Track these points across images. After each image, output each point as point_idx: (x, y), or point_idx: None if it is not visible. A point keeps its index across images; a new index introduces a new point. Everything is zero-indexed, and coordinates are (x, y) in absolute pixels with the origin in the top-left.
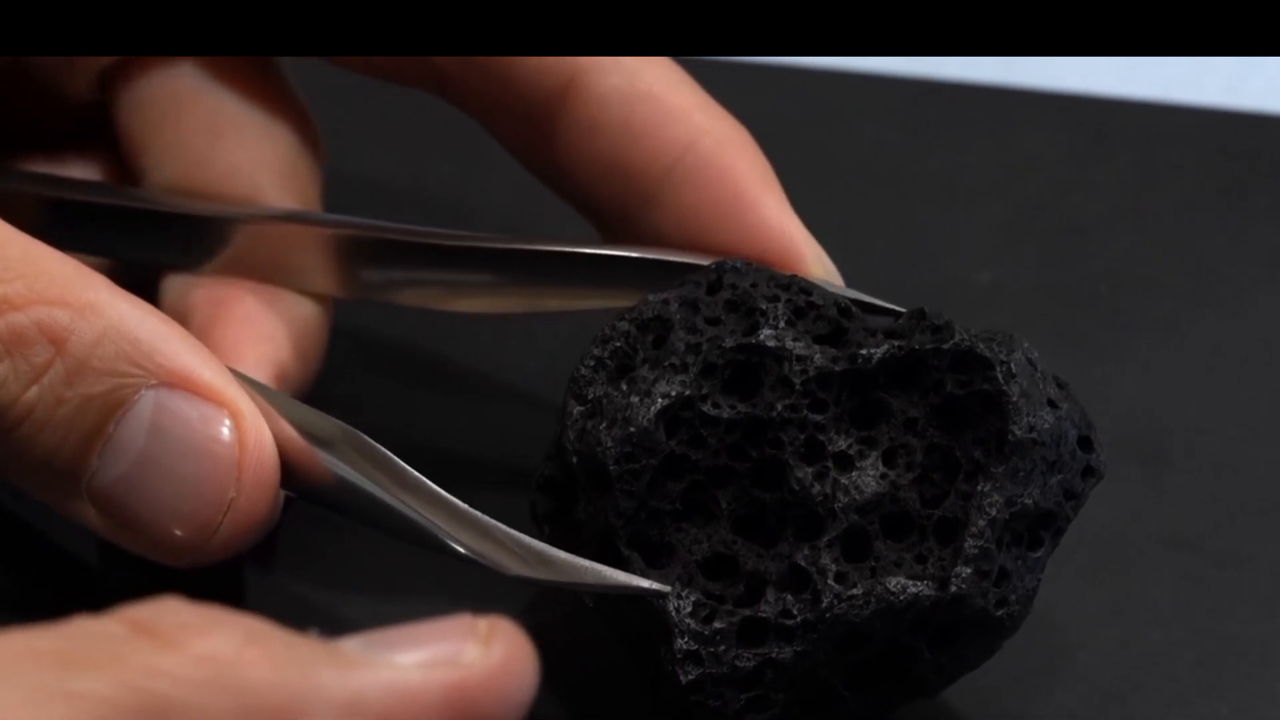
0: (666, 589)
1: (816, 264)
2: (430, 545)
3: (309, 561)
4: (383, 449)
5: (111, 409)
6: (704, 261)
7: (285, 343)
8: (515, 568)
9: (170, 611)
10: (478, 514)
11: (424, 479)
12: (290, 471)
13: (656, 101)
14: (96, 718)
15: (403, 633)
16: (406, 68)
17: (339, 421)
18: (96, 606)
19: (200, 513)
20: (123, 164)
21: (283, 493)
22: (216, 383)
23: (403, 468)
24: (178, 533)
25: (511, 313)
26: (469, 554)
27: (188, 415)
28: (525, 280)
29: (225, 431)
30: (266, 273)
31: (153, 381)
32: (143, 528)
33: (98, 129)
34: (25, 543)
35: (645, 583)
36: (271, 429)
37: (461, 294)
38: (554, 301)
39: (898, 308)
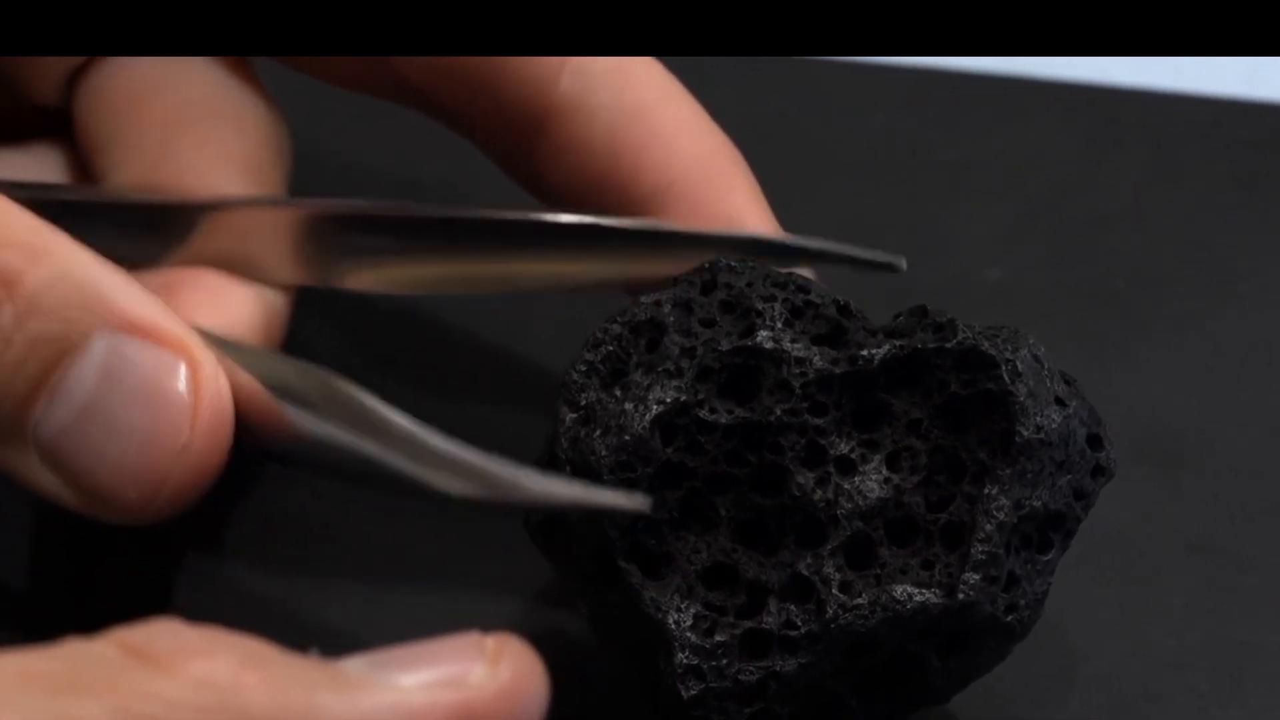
0: (642, 507)
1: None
2: (404, 490)
3: (303, 566)
4: (349, 388)
5: (61, 353)
6: (689, 230)
7: (246, 314)
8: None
9: (166, 633)
10: (438, 438)
11: (398, 418)
12: (248, 425)
13: (645, 121)
14: None
15: (408, 652)
16: (363, 74)
17: (309, 366)
18: (82, 619)
19: (150, 463)
20: (84, 166)
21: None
22: (172, 329)
23: (373, 406)
24: (126, 485)
25: (486, 293)
26: (414, 478)
27: (141, 361)
28: (498, 252)
29: (180, 379)
30: (225, 263)
31: (106, 327)
32: (89, 480)
33: (66, 131)
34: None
35: (609, 497)
36: (231, 381)
37: (431, 269)
38: (529, 274)
39: (885, 258)
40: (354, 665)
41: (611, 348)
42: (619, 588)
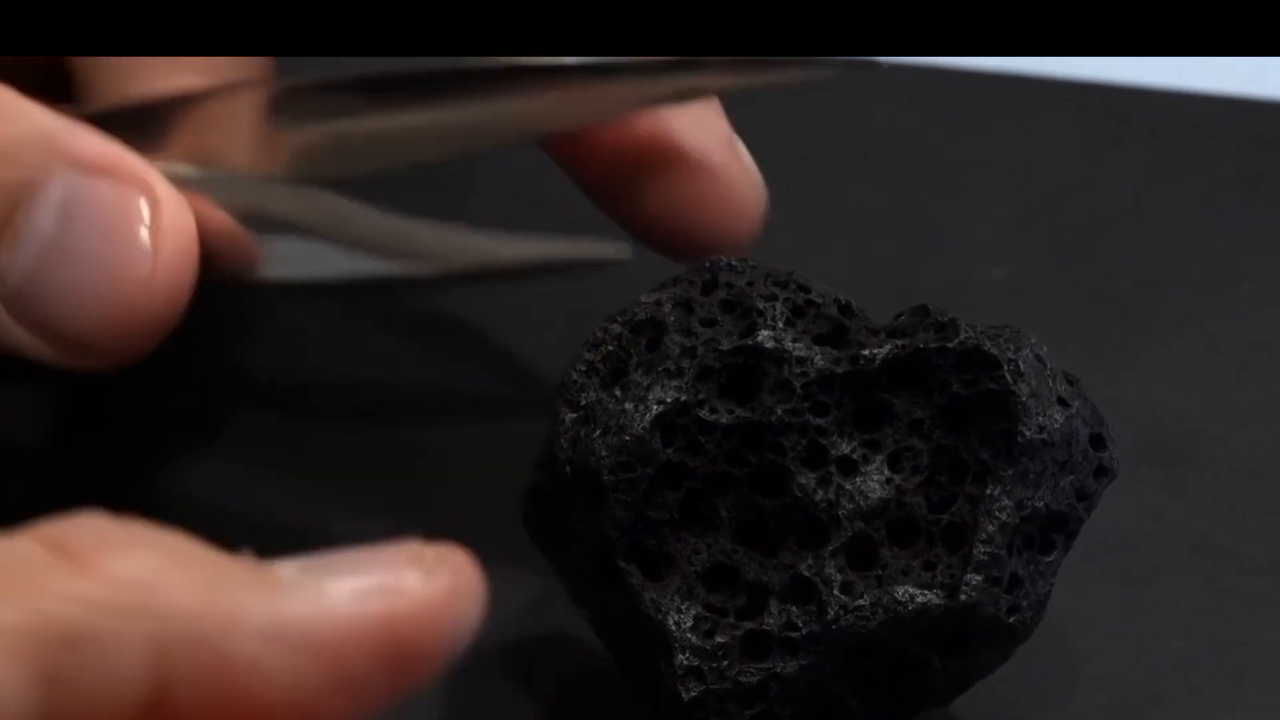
0: (624, 255)
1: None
2: (382, 287)
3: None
4: (323, 195)
5: (19, 195)
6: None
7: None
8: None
9: (88, 528)
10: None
11: (370, 212)
12: (218, 255)
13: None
14: (6, 650)
15: (343, 558)
16: None
17: (285, 182)
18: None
19: (115, 297)
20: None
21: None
22: (131, 166)
23: (346, 206)
24: (92, 323)
25: (451, 156)
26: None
27: (100, 197)
28: (459, 100)
29: (141, 212)
30: (200, 158)
31: (64, 168)
32: (57, 324)
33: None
34: None
35: (586, 248)
36: (199, 213)
37: (396, 130)
38: (497, 129)
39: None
40: (286, 568)
41: (611, 347)
42: (619, 588)
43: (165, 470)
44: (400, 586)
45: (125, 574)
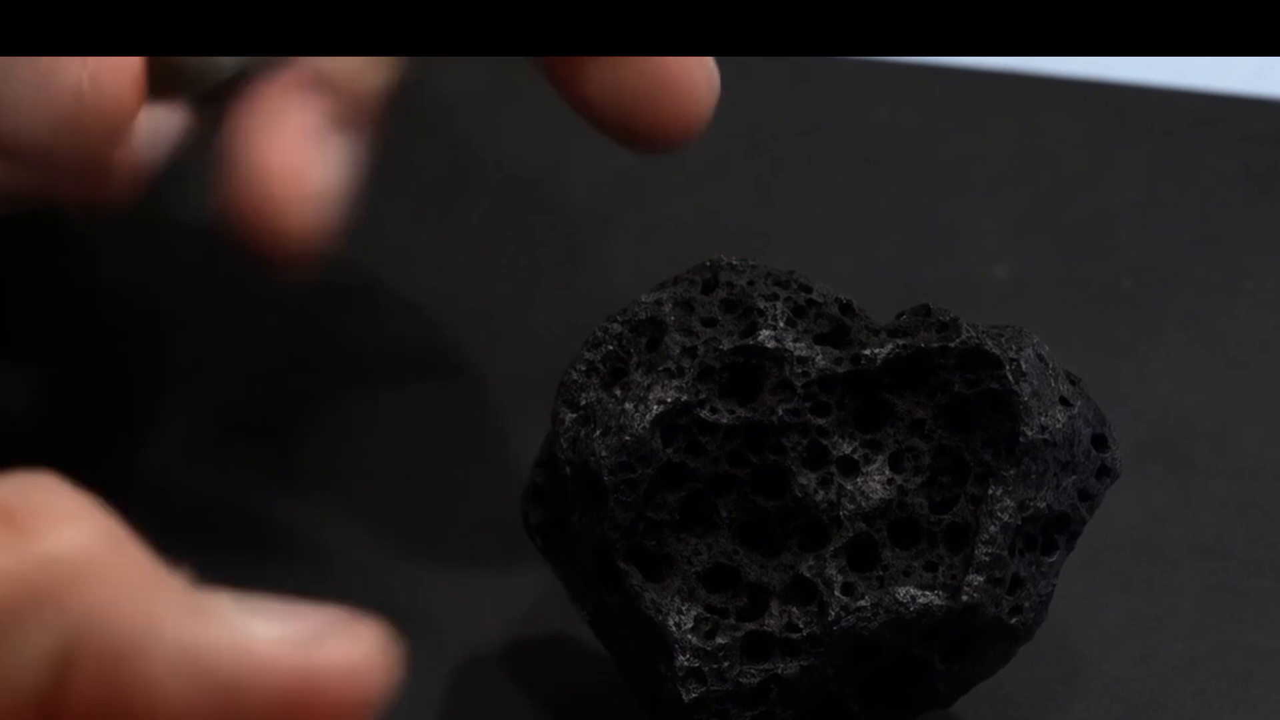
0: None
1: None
2: None
3: (297, 567)
4: None
5: None
6: None
7: None
8: None
9: (35, 492)
10: None
11: None
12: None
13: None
14: None
15: (272, 606)
16: None
17: None
18: None
19: (54, 107)
20: None
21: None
22: None
23: None
24: (39, 132)
25: None
26: None
27: None
28: None
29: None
30: None
31: None
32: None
33: None
34: None
35: None
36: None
37: None
38: None
39: None
40: (219, 599)
41: (611, 347)
42: (619, 590)
43: (160, 466)
44: (320, 644)
45: (56, 551)
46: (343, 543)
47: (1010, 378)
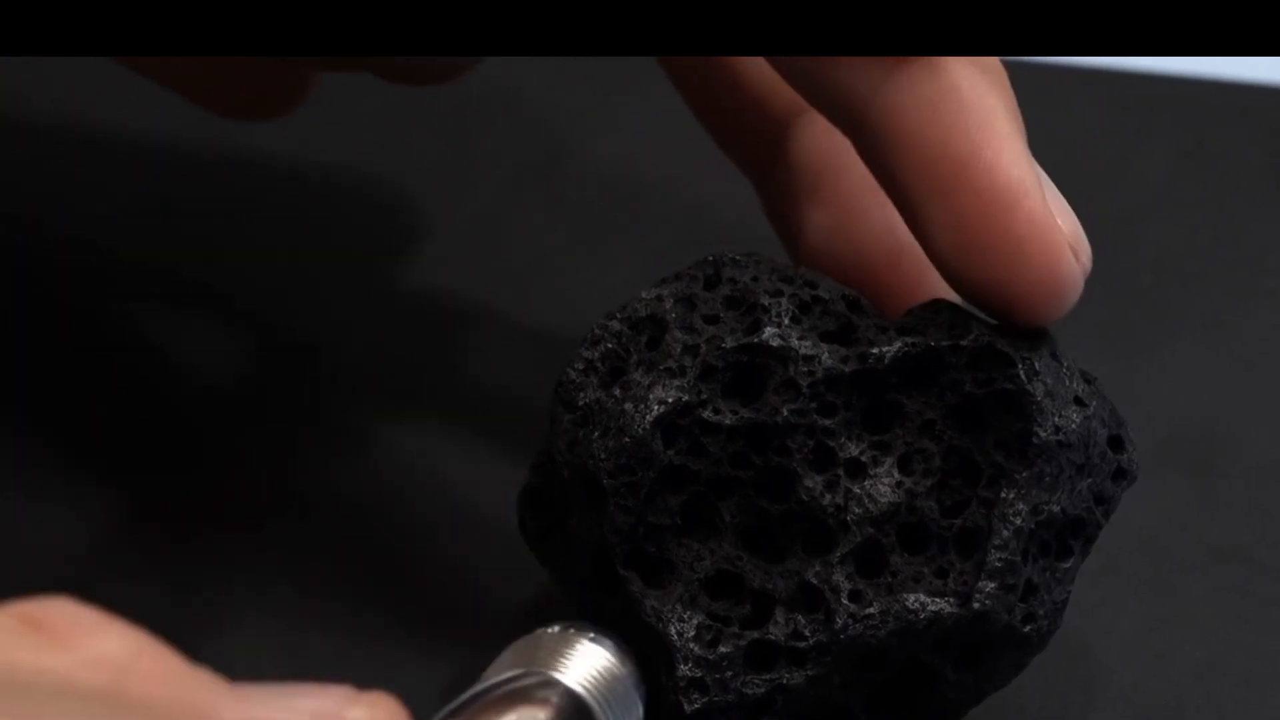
0: None
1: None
2: None
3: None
4: None
5: None
6: None
7: None
8: None
9: (62, 609)
10: None
11: None
12: None
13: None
14: None
15: (292, 686)
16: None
17: None
18: None
19: None
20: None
21: None
22: None
23: None
24: None
25: None
26: None
27: None
28: None
29: None
30: None
31: None
32: None
33: None
34: None
35: None
36: None
37: None
38: None
39: None
40: (248, 687)
41: (610, 345)
42: (619, 596)
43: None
44: (345, 715)
45: (99, 654)
46: (336, 546)
47: (1023, 377)
